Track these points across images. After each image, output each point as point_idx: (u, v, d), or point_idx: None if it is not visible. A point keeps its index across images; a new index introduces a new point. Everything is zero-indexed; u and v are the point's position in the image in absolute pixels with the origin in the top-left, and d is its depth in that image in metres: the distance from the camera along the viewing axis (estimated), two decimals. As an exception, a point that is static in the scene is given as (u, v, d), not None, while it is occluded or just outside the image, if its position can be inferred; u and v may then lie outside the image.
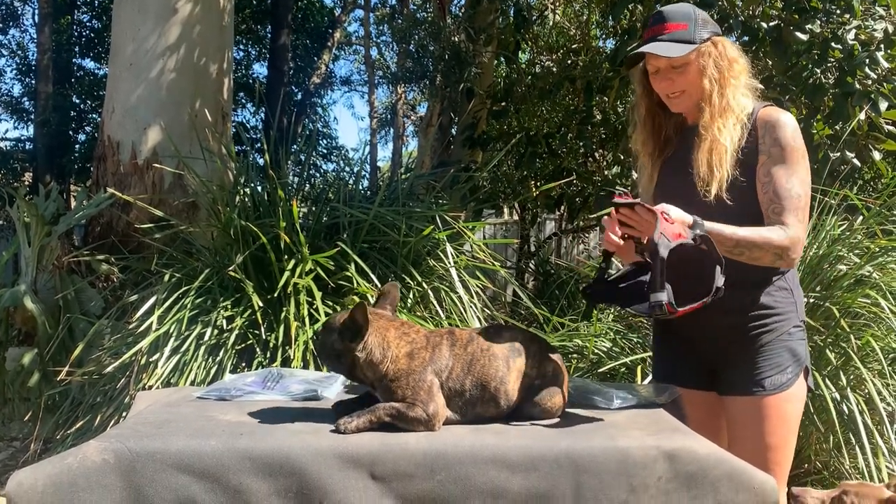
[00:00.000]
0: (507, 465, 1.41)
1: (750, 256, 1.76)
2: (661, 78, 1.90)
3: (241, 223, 3.25)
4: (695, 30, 1.87)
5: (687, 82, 1.88)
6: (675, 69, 1.88)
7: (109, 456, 1.37)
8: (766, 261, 1.78)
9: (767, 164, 1.83)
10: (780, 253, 1.76)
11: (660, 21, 1.90)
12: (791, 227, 1.78)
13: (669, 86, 1.90)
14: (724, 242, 1.70)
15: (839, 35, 4.19)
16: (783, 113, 1.86)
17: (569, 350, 3.33)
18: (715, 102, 1.86)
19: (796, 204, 1.80)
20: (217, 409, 1.64)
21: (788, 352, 1.87)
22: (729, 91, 1.87)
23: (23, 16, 14.87)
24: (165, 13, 4.84)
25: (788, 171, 1.81)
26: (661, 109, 1.99)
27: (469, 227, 3.71)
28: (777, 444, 1.83)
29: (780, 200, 1.79)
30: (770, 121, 1.85)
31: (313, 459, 1.38)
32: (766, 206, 1.82)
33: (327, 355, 1.57)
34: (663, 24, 1.89)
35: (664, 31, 1.88)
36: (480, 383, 1.55)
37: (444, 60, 6.34)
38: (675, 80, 1.88)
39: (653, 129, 2.01)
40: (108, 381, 3.21)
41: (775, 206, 1.80)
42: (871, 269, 2.96)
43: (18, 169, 13.54)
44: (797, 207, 1.80)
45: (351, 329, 1.53)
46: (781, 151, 1.82)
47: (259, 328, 2.99)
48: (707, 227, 1.67)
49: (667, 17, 1.89)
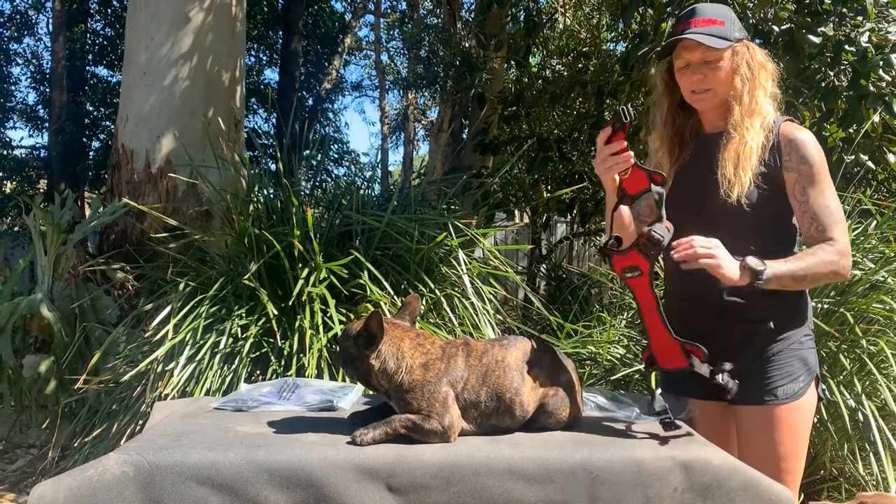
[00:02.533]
0: (523, 477, 1.41)
1: (813, 283, 1.81)
2: (692, 72, 1.88)
3: (256, 232, 3.27)
4: (731, 28, 1.87)
5: (716, 80, 1.87)
6: (707, 64, 1.86)
7: (129, 469, 1.38)
8: (825, 281, 1.85)
9: (801, 183, 1.83)
10: (837, 269, 1.80)
11: (696, 15, 1.88)
12: (838, 241, 1.81)
13: (699, 81, 1.87)
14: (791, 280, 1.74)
15: (852, 37, 4.16)
16: (802, 129, 1.87)
17: (582, 357, 3.32)
18: (745, 102, 1.86)
19: (838, 217, 1.83)
20: (234, 421, 1.65)
21: (800, 361, 1.87)
22: (758, 93, 1.87)
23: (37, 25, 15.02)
24: (178, 22, 4.88)
25: (821, 188, 1.83)
26: (680, 110, 1.98)
27: (481, 234, 3.72)
28: (789, 453, 1.82)
29: (822, 217, 1.82)
30: (794, 139, 1.85)
31: (330, 472, 1.39)
32: (809, 225, 1.84)
33: (344, 361, 1.59)
34: (700, 17, 1.87)
35: (700, 25, 1.86)
36: (496, 394, 1.56)
37: (455, 66, 6.35)
38: (706, 75, 1.87)
39: (673, 129, 1.99)
40: (124, 389, 3.23)
41: (818, 224, 1.82)
42: (885, 275, 2.94)
43: (34, 176, 13.66)
44: (839, 220, 1.83)
45: (365, 336, 1.54)
46: (811, 169, 1.83)
47: (274, 336, 3.01)
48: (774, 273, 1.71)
49: (704, 13, 1.88)
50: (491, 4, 6.09)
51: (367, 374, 1.56)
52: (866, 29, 4.21)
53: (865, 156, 4.22)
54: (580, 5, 8.19)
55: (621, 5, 5.42)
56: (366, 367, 1.55)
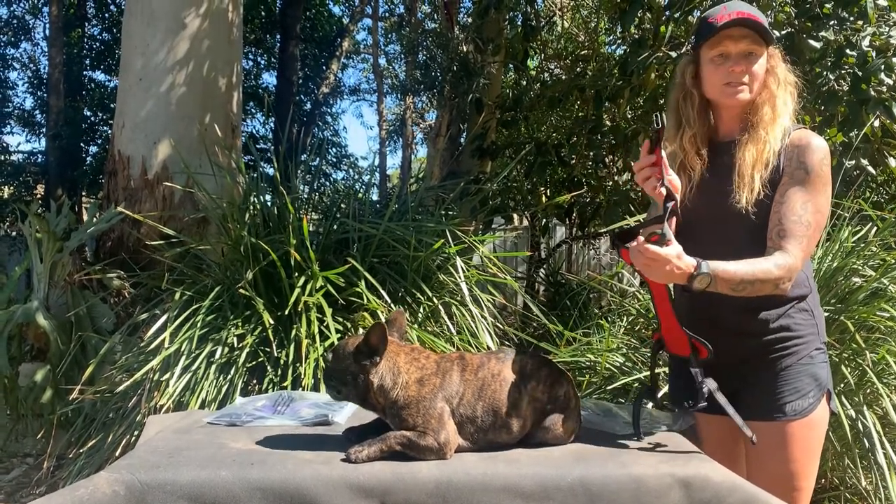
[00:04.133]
0: (520, 495, 1.39)
1: (752, 291, 1.69)
2: (733, 63, 1.80)
3: (251, 240, 3.25)
4: (768, 29, 1.82)
5: (752, 76, 1.81)
6: (747, 57, 1.80)
7: (120, 488, 1.36)
8: (764, 292, 1.71)
9: (787, 185, 1.77)
10: (778, 283, 1.70)
11: (736, 7, 1.81)
12: (790, 255, 1.71)
13: (740, 72, 1.80)
14: (730, 281, 1.65)
15: (853, 41, 4.14)
16: (816, 137, 1.81)
17: (581, 365, 3.30)
18: (777, 105, 1.81)
19: (804, 232, 1.74)
20: (228, 436, 1.63)
21: (809, 376, 1.82)
22: (788, 99, 1.83)
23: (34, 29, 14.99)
24: (174, 28, 4.86)
25: (806, 197, 1.75)
26: (703, 110, 1.90)
27: (479, 241, 3.69)
28: (798, 471, 1.78)
29: (788, 224, 1.74)
30: (801, 143, 1.79)
31: (324, 490, 1.37)
32: (772, 228, 1.76)
33: (341, 380, 1.55)
34: (741, 10, 1.79)
35: (745, 16, 1.78)
36: (492, 409, 1.53)
37: (453, 71, 6.34)
38: (745, 68, 1.80)
39: (703, 128, 1.90)
40: (120, 399, 3.21)
41: (781, 228, 1.74)
42: (886, 282, 2.92)
43: (31, 182, 13.63)
44: (804, 235, 1.74)
45: (365, 350, 1.52)
46: (805, 175, 1.76)
47: (270, 346, 2.98)
48: (713, 268, 1.62)
49: (742, 7, 1.81)
50: (488, 8, 6.07)
51: (366, 392, 1.53)
52: (867, 33, 4.19)
53: (865, 160, 4.21)
54: (578, 9, 8.18)
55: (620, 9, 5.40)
56: (365, 384, 1.52)
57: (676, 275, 1.59)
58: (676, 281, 1.62)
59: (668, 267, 1.58)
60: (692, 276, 1.60)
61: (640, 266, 1.60)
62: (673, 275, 1.59)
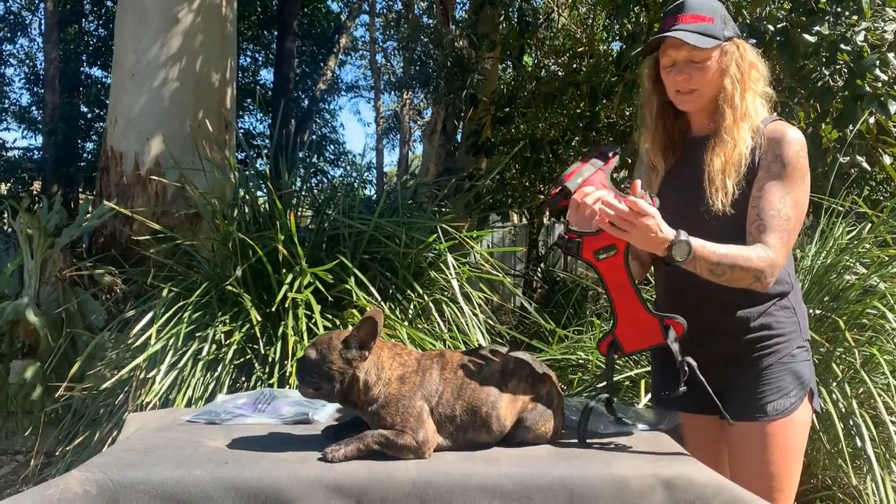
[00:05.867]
0: (500, 495, 1.36)
1: (730, 278, 1.64)
2: (677, 71, 1.78)
3: (240, 236, 3.22)
4: (720, 26, 1.78)
5: (703, 81, 1.78)
6: (694, 64, 1.76)
7: (91, 487, 1.34)
8: (744, 283, 1.67)
9: (764, 179, 1.74)
10: (759, 276, 1.66)
11: (684, 10, 1.78)
12: (772, 249, 1.68)
13: (685, 81, 1.78)
14: (708, 259, 1.61)
15: (848, 37, 4.11)
16: (791, 128, 1.77)
17: (571, 363, 3.27)
18: (737, 105, 1.76)
19: (783, 226, 1.70)
20: (206, 434, 1.61)
21: (791, 374, 1.79)
22: (748, 95, 1.78)
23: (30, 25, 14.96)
24: (167, 23, 4.83)
25: (784, 190, 1.72)
26: (670, 109, 1.88)
27: (473, 237, 3.67)
28: (780, 471, 1.75)
29: (767, 218, 1.70)
30: (776, 136, 1.75)
31: (300, 489, 1.35)
32: (751, 223, 1.72)
33: (322, 375, 1.51)
34: (688, 13, 1.77)
35: (688, 21, 1.76)
36: (471, 408, 1.51)
37: (447, 67, 6.31)
38: (691, 76, 1.77)
39: (663, 130, 1.89)
40: (107, 396, 3.19)
41: (760, 223, 1.71)
42: (877, 280, 2.89)
43: (27, 178, 13.61)
44: (784, 229, 1.70)
45: (355, 344, 1.49)
46: (782, 169, 1.73)
47: (258, 342, 2.96)
48: (692, 242, 1.58)
49: (692, 8, 1.78)
50: (484, 4, 6.05)
51: (350, 388, 1.49)
52: (862, 28, 4.16)
53: (861, 157, 4.18)
54: (575, 5, 8.15)
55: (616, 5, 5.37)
56: (351, 379, 1.49)
57: (657, 239, 1.54)
58: (653, 248, 1.56)
59: (652, 224, 1.52)
60: (672, 243, 1.56)
61: (620, 223, 1.52)
62: (654, 239, 1.54)
